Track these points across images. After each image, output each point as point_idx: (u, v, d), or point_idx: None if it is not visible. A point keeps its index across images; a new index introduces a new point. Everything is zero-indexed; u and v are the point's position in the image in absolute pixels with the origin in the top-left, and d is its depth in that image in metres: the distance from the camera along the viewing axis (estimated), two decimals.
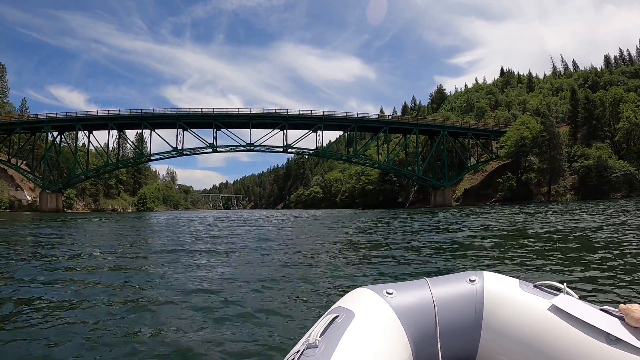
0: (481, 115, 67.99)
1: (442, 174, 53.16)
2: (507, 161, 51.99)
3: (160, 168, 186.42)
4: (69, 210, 50.66)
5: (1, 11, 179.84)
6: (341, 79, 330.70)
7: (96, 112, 51.50)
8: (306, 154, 61.16)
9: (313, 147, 52.42)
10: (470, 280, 1.19)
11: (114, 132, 51.76)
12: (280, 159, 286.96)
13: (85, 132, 51.95)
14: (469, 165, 55.89)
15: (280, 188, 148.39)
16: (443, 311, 1.12)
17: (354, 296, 1.14)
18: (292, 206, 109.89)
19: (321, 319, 0.99)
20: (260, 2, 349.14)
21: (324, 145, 52.80)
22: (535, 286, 1.16)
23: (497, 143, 54.10)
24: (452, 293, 1.16)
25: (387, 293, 1.13)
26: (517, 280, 1.20)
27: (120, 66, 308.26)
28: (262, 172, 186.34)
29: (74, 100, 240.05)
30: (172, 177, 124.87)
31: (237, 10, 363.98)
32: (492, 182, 53.90)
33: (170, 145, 49.34)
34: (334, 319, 0.96)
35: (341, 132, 56.94)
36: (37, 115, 53.46)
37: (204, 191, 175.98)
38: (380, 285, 1.20)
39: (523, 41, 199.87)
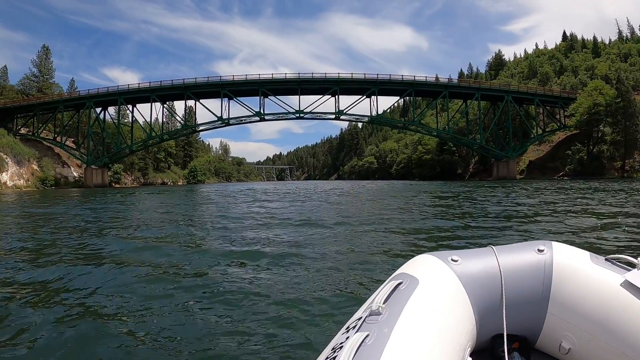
0: (545, 82, 61.40)
1: (506, 144, 48.23)
2: (575, 131, 46.44)
3: (213, 141, 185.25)
4: (117, 185, 49.77)
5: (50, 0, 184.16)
6: (392, 48, 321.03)
7: (137, 85, 50.26)
8: (360, 121, 57.65)
9: (366, 115, 48.38)
10: (539, 250, 1.11)
11: (160, 106, 50.17)
12: (334, 130, 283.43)
13: (129, 105, 50.79)
14: (534, 134, 50.54)
15: (333, 159, 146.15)
16: (510, 281, 1.06)
17: (417, 262, 1.09)
18: (346, 177, 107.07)
19: (384, 285, 0.95)
20: None
21: (378, 113, 48.50)
22: (606, 259, 1.07)
23: (565, 111, 48.44)
24: (519, 263, 1.10)
25: (452, 260, 1.07)
26: (587, 253, 1.11)
27: (170, 45, 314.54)
28: (316, 143, 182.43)
29: (128, 79, 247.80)
30: (225, 149, 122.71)
31: None
32: (559, 154, 48.63)
33: (215, 115, 47.09)
34: (397, 286, 0.92)
35: (396, 99, 52.26)
36: (79, 92, 53.08)
37: (258, 163, 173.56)
38: (444, 252, 1.12)
39: (581, 6, 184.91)
